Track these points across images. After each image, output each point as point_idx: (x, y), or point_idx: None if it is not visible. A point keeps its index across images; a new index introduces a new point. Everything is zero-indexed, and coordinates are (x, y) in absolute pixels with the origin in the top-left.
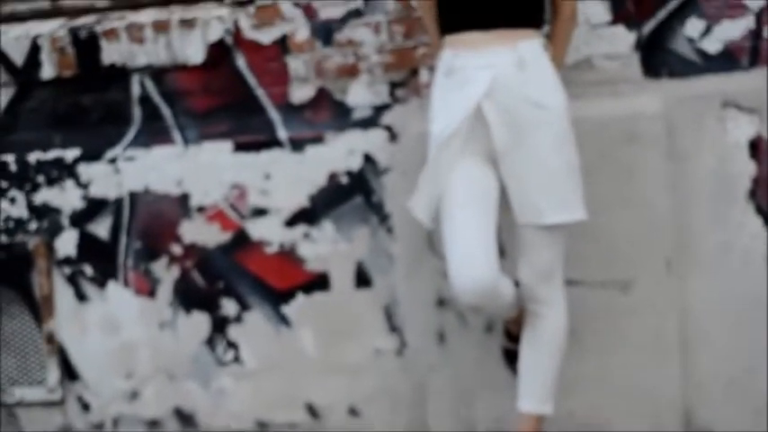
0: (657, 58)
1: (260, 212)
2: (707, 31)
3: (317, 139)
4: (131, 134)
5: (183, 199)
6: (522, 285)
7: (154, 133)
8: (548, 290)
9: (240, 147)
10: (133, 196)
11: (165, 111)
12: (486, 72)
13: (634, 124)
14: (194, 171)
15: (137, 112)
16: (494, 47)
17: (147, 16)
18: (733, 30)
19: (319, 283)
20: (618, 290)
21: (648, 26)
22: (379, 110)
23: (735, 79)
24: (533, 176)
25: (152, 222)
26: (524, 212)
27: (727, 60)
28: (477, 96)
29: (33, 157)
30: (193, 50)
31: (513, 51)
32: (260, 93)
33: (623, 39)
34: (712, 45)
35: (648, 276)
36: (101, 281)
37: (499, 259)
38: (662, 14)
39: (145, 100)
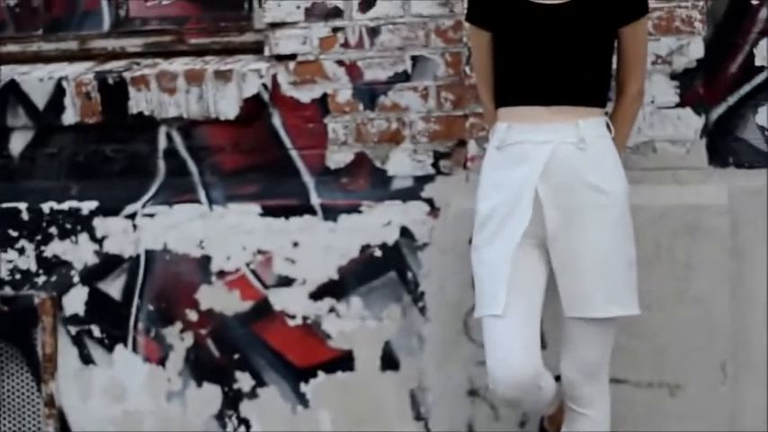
0: (725, 145)
1: (285, 282)
2: None
3: (352, 208)
4: (153, 189)
5: (204, 262)
6: (564, 381)
7: (178, 190)
8: (592, 388)
9: (269, 210)
10: (150, 255)
11: (192, 167)
12: (543, 148)
13: (696, 216)
14: (218, 233)
15: (161, 166)
16: (553, 122)
17: (179, 65)
18: None
19: (342, 361)
20: (667, 393)
21: (717, 111)
22: (421, 181)
23: None
24: (586, 265)
25: (168, 285)
26: (574, 304)
27: None
28: (535, 176)
29: (47, 206)
30: (227, 104)
31: (574, 129)
32: (294, 154)
33: (690, 123)
34: None
35: (700, 380)
36: (108, 343)
37: (540, 352)
38: (732, 99)
39: (171, 154)
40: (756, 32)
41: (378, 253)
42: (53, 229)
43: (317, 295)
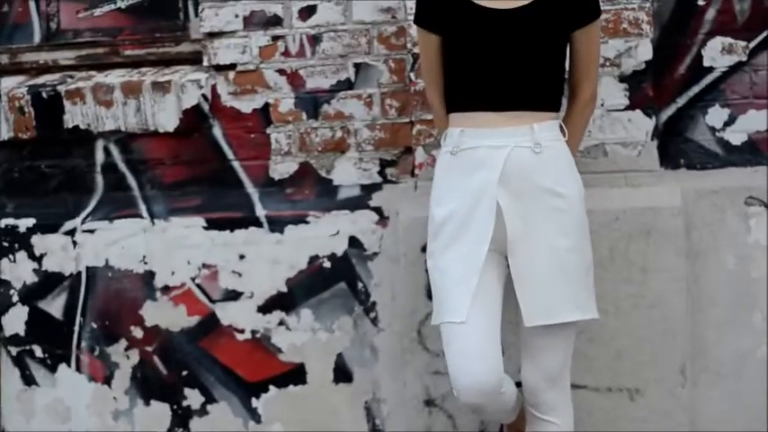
0: (676, 147)
1: (232, 296)
2: (730, 120)
3: (299, 219)
4: (92, 204)
5: (148, 277)
6: (526, 388)
7: (118, 204)
8: (555, 394)
9: (213, 224)
10: (91, 272)
11: (132, 180)
12: (499, 152)
13: (649, 218)
14: (161, 247)
15: (100, 181)
16: (507, 127)
17: (115, 77)
18: (759, 120)
19: (294, 375)
20: (626, 397)
21: (667, 113)
22: (368, 189)
23: (760, 174)
24: (546, 270)
25: (111, 302)
26: (534, 311)
27: (751, 153)
28: (493, 182)
29: None
30: (166, 116)
31: (529, 132)
32: (237, 166)
33: (640, 125)
34: (736, 136)
35: (660, 384)
36: (51, 363)
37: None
38: (682, 101)
39: (109, 168)
40: (703, 33)
41: (327, 264)
42: None
43: (265, 308)
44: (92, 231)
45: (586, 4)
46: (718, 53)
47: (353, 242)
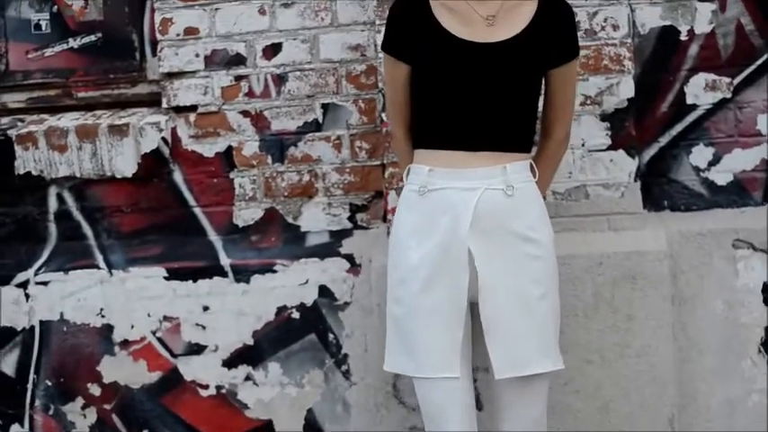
0: (660, 188)
1: (195, 349)
2: (715, 159)
3: (266, 268)
4: (46, 254)
5: (106, 331)
6: None
7: (73, 254)
8: None
9: (174, 273)
10: (45, 326)
11: (87, 229)
12: (470, 195)
13: (634, 263)
14: (119, 299)
15: (53, 230)
16: (479, 168)
17: (69, 120)
18: (745, 159)
19: None
20: None
21: (650, 152)
22: (338, 236)
23: (747, 215)
24: (516, 319)
25: (67, 357)
26: (505, 362)
27: (738, 193)
28: (465, 228)
29: None
30: (123, 161)
31: (502, 174)
32: (199, 212)
33: (623, 166)
34: (721, 176)
35: None
36: (3, 424)
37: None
38: (665, 140)
39: (63, 216)
40: (686, 69)
41: (295, 315)
42: None
43: (231, 363)
44: (45, 283)
45: (566, 43)
46: (701, 90)
47: (323, 291)
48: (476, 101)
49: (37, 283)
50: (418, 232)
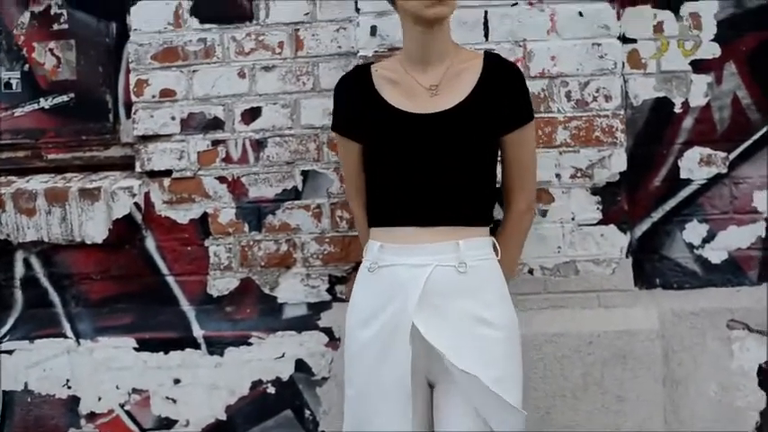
0: (652, 265)
1: (165, 424)
2: (710, 236)
3: (240, 340)
4: (11, 322)
5: (72, 403)
6: None
7: (39, 322)
8: None
9: (145, 344)
10: (9, 397)
11: (55, 296)
12: (419, 272)
13: (625, 342)
14: (87, 370)
15: (19, 297)
16: (430, 244)
17: (38, 183)
18: (740, 236)
19: None
20: None
21: (641, 228)
22: (317, 308)
23: (742, 294)
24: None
25: (31, 430)
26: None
27: (732, 272)
28: (410, 307)
29: None
30: (94, 226)
31: (454, 251)
32: (172, 281)
33: (614, 241)
34: (716, 253)
35: None
36: None
37: None
38: (657, 215)
39: (30, 282)
40: (680, 143)
41: (271, 389)
42: None
43: None
44: (9, 352)
45: (516, 106)
46: (695, 164)
47: (300, 366)
48: (425, 174)
49: (1, 352)
50: (367, 311)
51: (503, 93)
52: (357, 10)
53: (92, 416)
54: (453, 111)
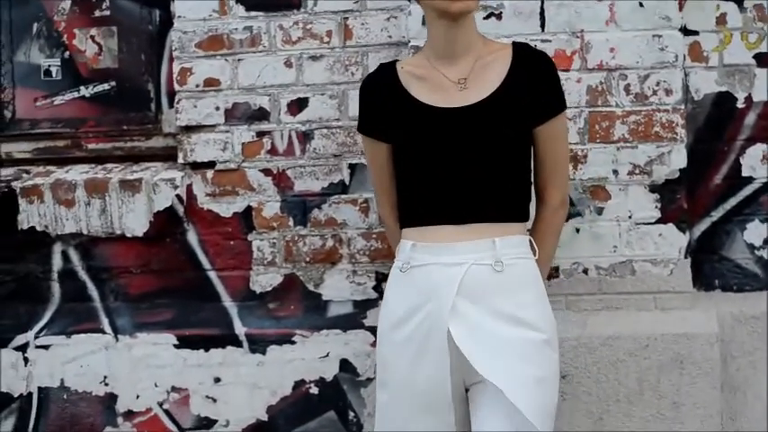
0: (711, 266)
1: (205, 424)
2: None
3: (283, 338)
4: (48, 316)
5: (109, 400)
6: None
7: (76, 317)
8: None
9: (185, 341)
10: (44, 393)
11: (93, 290)
12: (454, 272)
13: (683, 346)
14: (125, 367)
15: (56, 290)
16: (465, 242)
17: (77, 173)
18: None
19: None
20: None
21: (700, 227)
22: (362, 306)
23: None
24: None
25: (66, 428)
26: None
27: None
28: (447, 305)
29: None
30: (134, 219)
31: (491, 249)
32: (214, 276)
33: (673, 241)
34: None
35: None
36: None
37: None
38: (717, 214)
39: (68, 275)
40: (743, 139)
41: (314, 390)
42: None
43: None
44: (46, 347)
45: (548, 96)
46: (758, 162)
47: (345, 366)
48: (457, 170)
49: (37, 347)
50: (400, 312)
51: (534, 83)
52: None
53: (129, 414)
54: (484, 103)
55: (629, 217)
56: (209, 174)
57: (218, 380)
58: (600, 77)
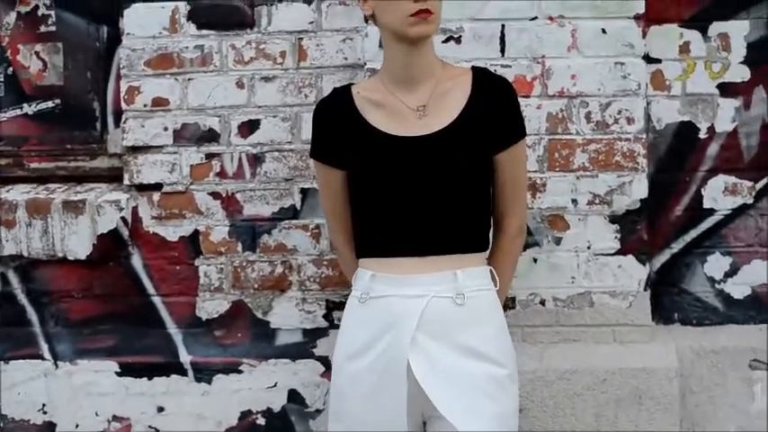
0: (670, 299)
1: None
2: (732, 270)
3: (230, 368)
4: None
5: (48, 429)
6: None
7: (15, 342)
8: None
9: (128, 369)
10: None
11: (33, 315)
12: (414, 304)
13: (641, 381)
14: (64, 395)
15: None
16: (426, 274)
17: (18, 193)
18: (764, 272)
19: None
20: None
21: (660, 259)
22: (312, 335)
23: (765, 333)
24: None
25: None
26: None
27: (755, 308)
28: (407, 337)
29: None
30: (77, 241)
31: (452, 281)
32: (158, 302)
33: (632, 273)
34: (738, 288)
35: None
36: None
37: None
38: (677, 246)
39: (6, 298)
40: (704, 170)
41: (261, 421)
42: None
43: None
44: None
45: (508, 124)
46: (720, 193)
47: (293, 396)
48: (417, 200)
49: None
50: (358, 343)
51: (494, 109)
52: (365, 20)
53: None
54: (444, 132)
55: (588, 248)
56: (156, 196)
57: (161, 409)
58: (561, 104)
